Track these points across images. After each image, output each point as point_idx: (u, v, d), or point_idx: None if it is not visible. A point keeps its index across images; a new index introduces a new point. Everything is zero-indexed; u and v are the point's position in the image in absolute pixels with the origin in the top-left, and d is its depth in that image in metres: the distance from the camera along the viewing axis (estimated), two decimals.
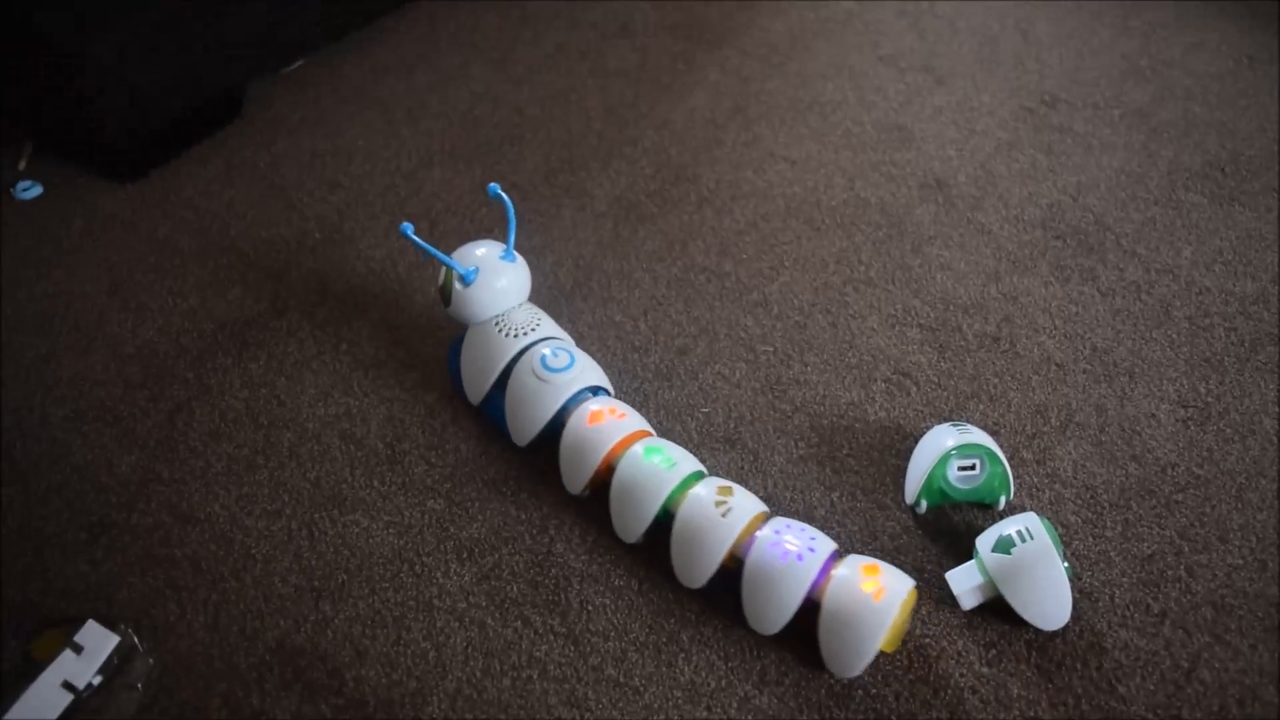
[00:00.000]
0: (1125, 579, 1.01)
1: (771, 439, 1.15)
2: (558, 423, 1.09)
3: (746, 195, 1.48)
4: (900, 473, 1.11)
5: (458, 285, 1.13)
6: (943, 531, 1.06)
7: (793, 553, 0.94)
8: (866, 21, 1.86)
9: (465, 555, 1.04)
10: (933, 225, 1.42)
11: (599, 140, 1.59)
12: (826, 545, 0.96)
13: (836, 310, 1.30)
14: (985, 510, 1.07)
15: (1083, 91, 1.67)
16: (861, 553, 1.03)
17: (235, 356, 1.26)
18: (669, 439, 1.12)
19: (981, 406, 1.18)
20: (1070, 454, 1.13)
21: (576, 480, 1.07)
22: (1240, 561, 1.03)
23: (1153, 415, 1.17)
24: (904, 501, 1.08)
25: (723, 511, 0.97)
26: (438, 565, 1.04)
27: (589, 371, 1.11)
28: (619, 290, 1.34)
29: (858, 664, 0.92)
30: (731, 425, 1.17)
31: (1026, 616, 0.95)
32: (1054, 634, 0.96)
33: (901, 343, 1.26)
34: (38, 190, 1.51)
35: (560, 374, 1.09)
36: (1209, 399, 1.18)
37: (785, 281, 1.34)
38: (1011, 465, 1.09)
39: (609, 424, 1.06)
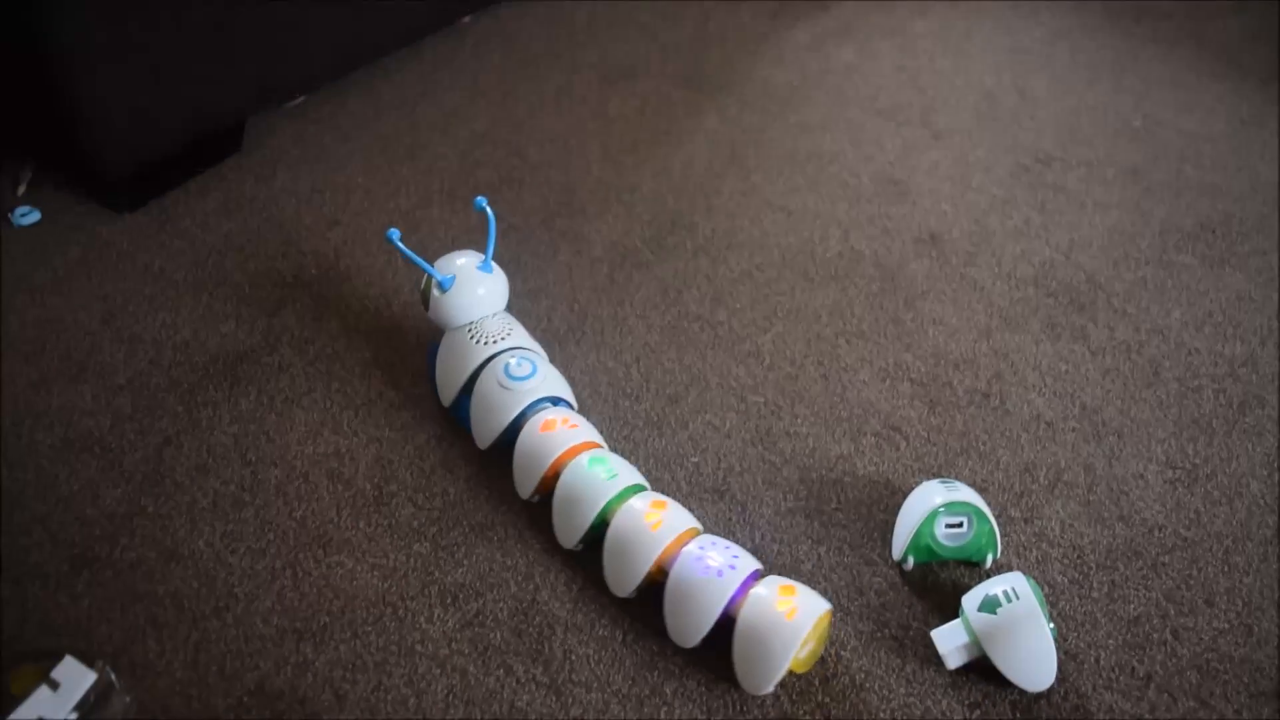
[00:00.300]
0: (1111, 641, 1.01)
1: (760, 490, 1.15)
2: (516, 428, 1.13)
3: (742, 244, 1.48)
4: (888, 528, 1.10)
5: (436, 291, 1.19)
6: (929, 589, 1.06)
7: (714, 568, 0.97)
8: (865, 75, 1.87)
9: (449, 601, 1.04)
10: (926, 280, 1.43)
11: (597, 185, 1.60)
12: (749, 564, 0.98)
13: (828, 363, 1.30)
14: (972, 568, 1.07)
15: (1077, 150, 1.68)
16: (847, 608, 1.03)
17: (226, 391, 1.26)
18: (659, 488, 1.12)
19: (970, 463, 1.18)
20: (1058, 513, 1.13)
21: (525, 485, 1.11)
22: (1226, 625, 1.02)
23: (1141, 476, 1.17)
24: (891, 557, 1.08)
25: (652, 524, 1.01)
26: (421, 610, 1.03)
27: (551, 382, 1.17)
28: (612, 336, 1.34)
29: (767, 682, 0.94)
30: (720, 476, 1.17)
31: (1011, 677, 0.94)
32: (1039, 696, 0.96)
33: (892, 397, 1.26)
34: (36, 216, 1.51)
35: (522, 382, 1.14)
36: (1197, 461, 1.19)
37: (778, 332, 1.35)
38: (999, 523, 1.09)
39: (560, 433, 1.10)
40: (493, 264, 1.22)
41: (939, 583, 1.06)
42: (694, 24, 2.02)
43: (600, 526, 1.04)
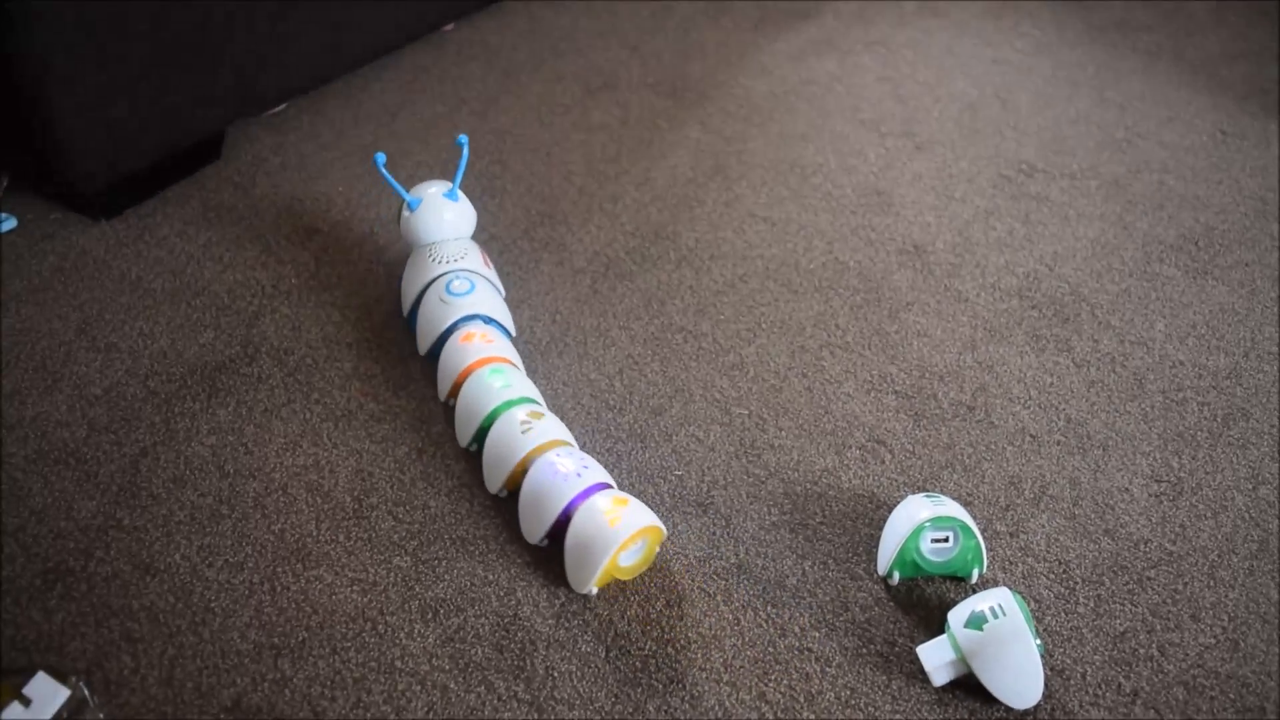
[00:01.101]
0: (1097, 657, 1.00)
1: (744, 504, 1.14)
2: (446, 339, 1.25)
3: (725, 255, 1.48)
4: (873, 542, 1.10)
5: (405, 212, 1.33)
6: (915, 604, 1.05)
7: (562, 473, 1.06)
8: (848, 85, 1.87)
9: (430, 616, 1.02)
10: (910, 291, 1.42)
11: (579, 195, 1.59)
12: (596, 475, 1.08)
13: (812, 375, 1.30)
14: (958, 583, 1.06)
15: (1060, 161, 1.68)
16: (833, 624, 1.02)
17: (204, 402, 1.24)
18: (643, 500, 1.11)
19: (955, 476, 1.18)
20: (1043, 527, 1.12)
21: (441, 389, 1.24)
22: (1212, 641, 1.02)
23: (1126, 489, 1.17)
24: (876, 572, 1.07)
25: (523, 430, 1.11)
26: (401, 625, 1.02)
27: (486, 302, 1.28)
28: (595, 347, 1.33)
29: (586, 580, 1.02)
30: (704, 489, 1.16)
31: (998, 694, 0.94)
32: (1026, 712, 0.95)
33: (877, 409, 1.25)
34: (12, 223, 1.49)
35: (458, 299, 1.26)
36: (1182, 474, 1.19)
37: (762, 344, 1.34)
38: (985, 537, 1.08)
39: (475, 345, 1.22)
40: (460, 194, 1.34)
41: (925, 598, 1.05)
42: (676, 34, 2.01)
43: (489, 429, 1.14)
